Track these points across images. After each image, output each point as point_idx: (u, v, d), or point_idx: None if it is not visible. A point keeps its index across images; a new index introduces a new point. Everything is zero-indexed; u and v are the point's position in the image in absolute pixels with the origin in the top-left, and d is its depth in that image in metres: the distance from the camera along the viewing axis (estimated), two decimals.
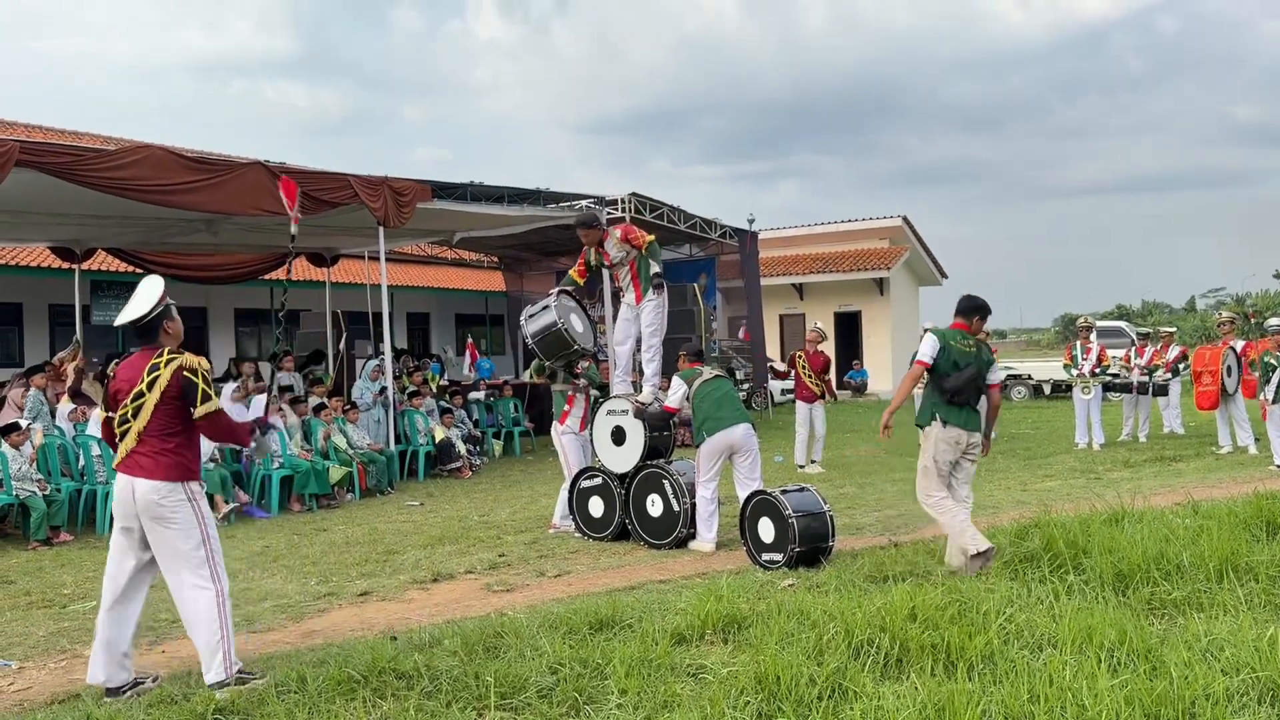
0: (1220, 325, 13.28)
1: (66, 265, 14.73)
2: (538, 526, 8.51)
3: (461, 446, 12.66)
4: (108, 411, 4.56)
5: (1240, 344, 12.69)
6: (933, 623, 4.49)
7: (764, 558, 6.56)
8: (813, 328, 12.36)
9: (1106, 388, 13.98)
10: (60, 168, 8.96)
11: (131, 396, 4.42)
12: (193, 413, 4.42)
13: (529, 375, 14.90)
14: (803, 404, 11.88)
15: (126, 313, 4.50)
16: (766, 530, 6.55)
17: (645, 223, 15.52)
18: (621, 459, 7.71)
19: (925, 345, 6.27)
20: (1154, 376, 13.80)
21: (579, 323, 8.01)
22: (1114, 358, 14.35)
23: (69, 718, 4.18)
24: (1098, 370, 13.40)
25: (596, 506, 7.88)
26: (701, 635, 4.74)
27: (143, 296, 4.51)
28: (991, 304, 6.40)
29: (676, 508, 7.39)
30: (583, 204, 14.59)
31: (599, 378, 8.79)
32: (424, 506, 10.10)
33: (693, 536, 7.40)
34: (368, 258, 16.60)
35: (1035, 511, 7.20)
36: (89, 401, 10.28)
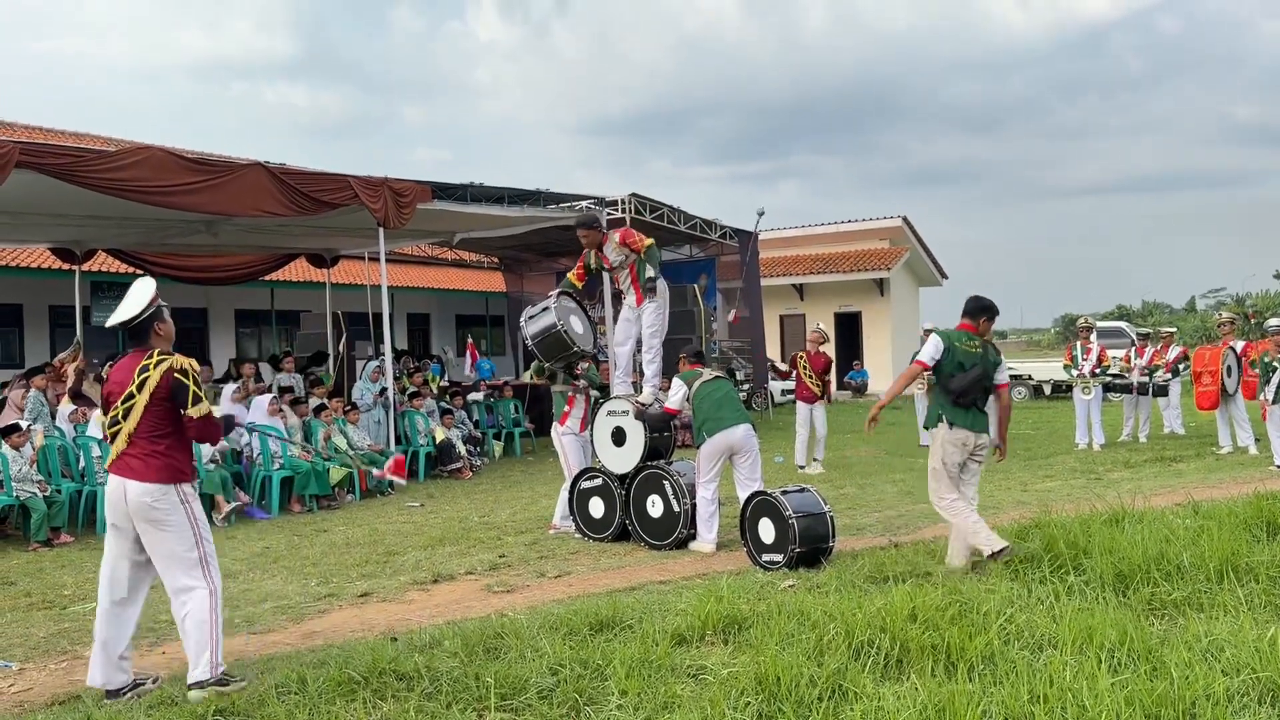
0: (1220, 326, 13.29)
1: (67, 266, 14.73)
2: (538, 527, 8.51)
3: (462, 447, 12.67)
4: (105, 414, 4.57)
5: (1240, 344, 12.69)
6: (933, 623, 4.49)
7: (764, 558, 6.56)
8: (815, 329, 12.43)
9: (1107, 388, 13.98)
10: (60, 169, 8.96)
11: (122, 398, 4.42)
12: (184, 414, 4.40)
13: (529, 376, 14.94)
14: (803, 404, 11.91)
15: (118, 314, 4.50)
16: (767, 531, 6.55)
17: (645, 223, 15.52)
18: (622, 460, 7.72)
19: (928, 347, 6.26)
20: (1154, 377, 13.80)
21: (579, 324, 8.02)
22: (1114, 358, 14.35)
23: (69, 719, 4.18)
24: (1098, 371, 13.41)
25: (597, 507, 7.88)
26: (702, 636, 4.74)
27: (134, 298, 4.51)
28: None
29: (677, 508, 7.39)
30: (583, 205, 14.58)
31: (599, 378, 8.79)
32: (424, 507, 10.10)
33: (693, 537, 7.40)
34: (368, 259, 16.60)
35: (1035, 512, 7.21)
36: (89, 403, 10.28)
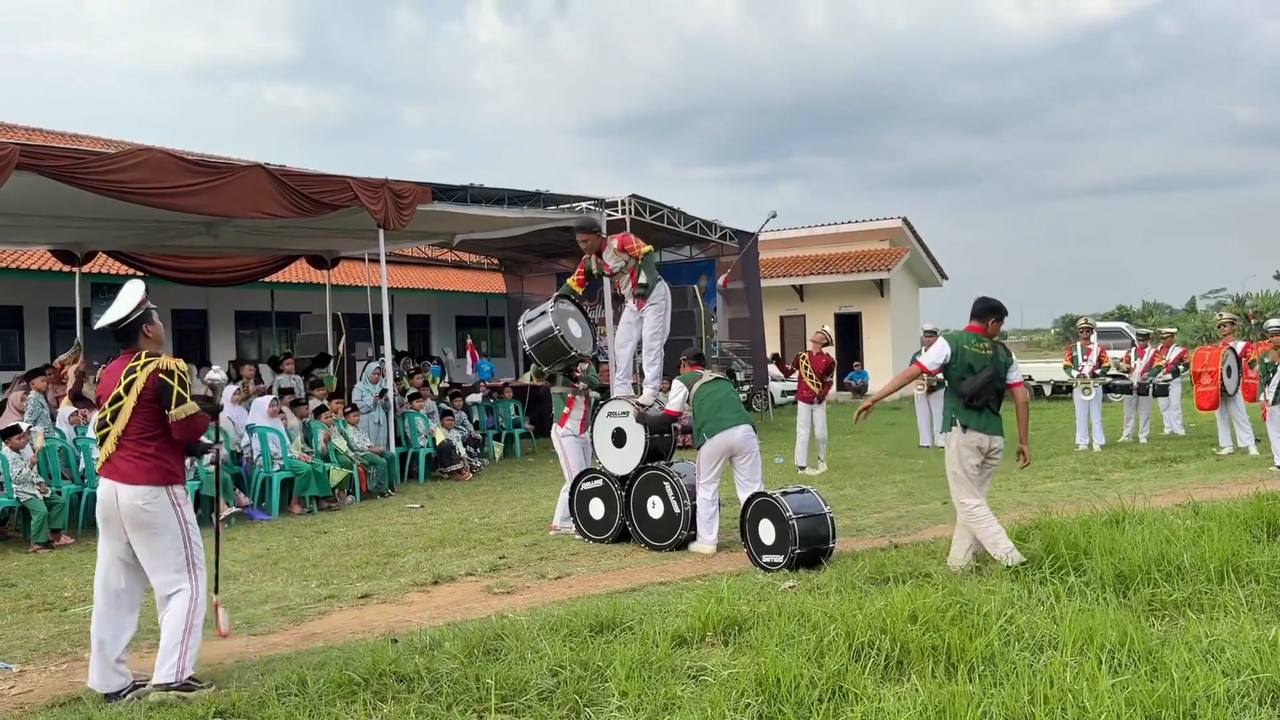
0: (1221, 326, 13.28)
1: (67, 268, 14.75)
2: (538, 529, 8.51)
3: (462, 449, 12.67)
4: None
5: (1240, 345, 12.69)
6: (933, 624, 4.49)
7: (765, 559, 6.56)
8: (819, 330, 12.59)
9: (1107, 389, 13.98)
10: (60, 171, 8.97)
11: (110, 400, 4.41)
12: (168, 415, 4.37)
13: (529, 377, 14.93)
14: (804, 405, 11.98)
15: (106, 317, 4.50)
16: (767, 532, 6.55)
17: (645, 224, 15.52)
18: (622, 461, 7.71)
19: (932, 351, 6.26)
20: (1154, 377, 13.80)
21: (577, 328, 8.00)
22: (1114, 359, 14.35)
23: None
24: (1098, 371, 13.41)
25: (597, 508, 7.87)
26: (702, 637, 4.74)
27: (123, 300, 4.50)
28: None
29: (677, 509, 7.38)
30: (582, 206, 14.58)
31: (598, 380, 8.79)
32: (424, 509, 10.10)
33: (693, 538, 7.40)
34: (368, 260, 16.59)
35: (1036, 513, 7.22)
36: (90, 404, 10.27)
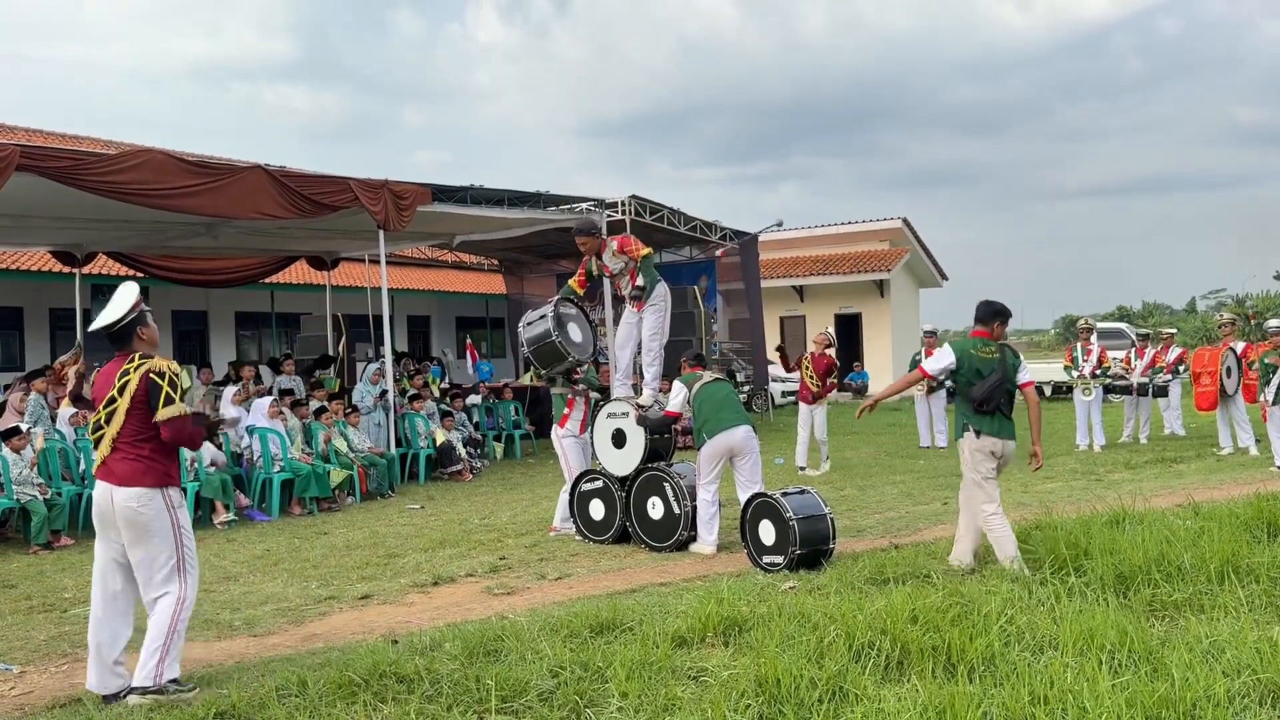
0: (1222, 327, 13.28)
1: (67, 269, 14.75)
2: (538, 529, 8.51)
3: (462, 449, 12.67)
4: None
5: (1241, 345, 12.69)
6: (934, 625, 4.49)
7: (765, 560, 6.56)
8: (822, 331, 12.67)
9: (1107, 389, 13.98)
10: (61, 172, 8.97)
11: (104, 403, 4.41)
12: (154, 416, 4.35)
13: (530, 378, 14.93)
14: (805, 405, 12.02)
15: (100, 319, 4.48)
16: (767, 533, 6.55)
17: (645, 225, 15.52)
18: (622, 462, 7.71)
19: (936, 358, 6.27)
20: (1154, 378, 13.80)
21: (578, 332, 7.98)
22: (1114, 359, 14.35)
23: None
24: (1098, 372, 13.41)
25: (597, 509, 7.87)
26: (702, 638, 4.74)
27: (117, 303, 4.49)
28: None
29: (677, 510, 7.38)
30: (583, 207, 14.58)
31: (597, 381, 8.79)
32: (425, 510, 10.10)
33: (693, 539, 7.40)
34: (368, 261, 16.61)
35: (1036, 513, 7.21)
36: (90, 406, 10.26)
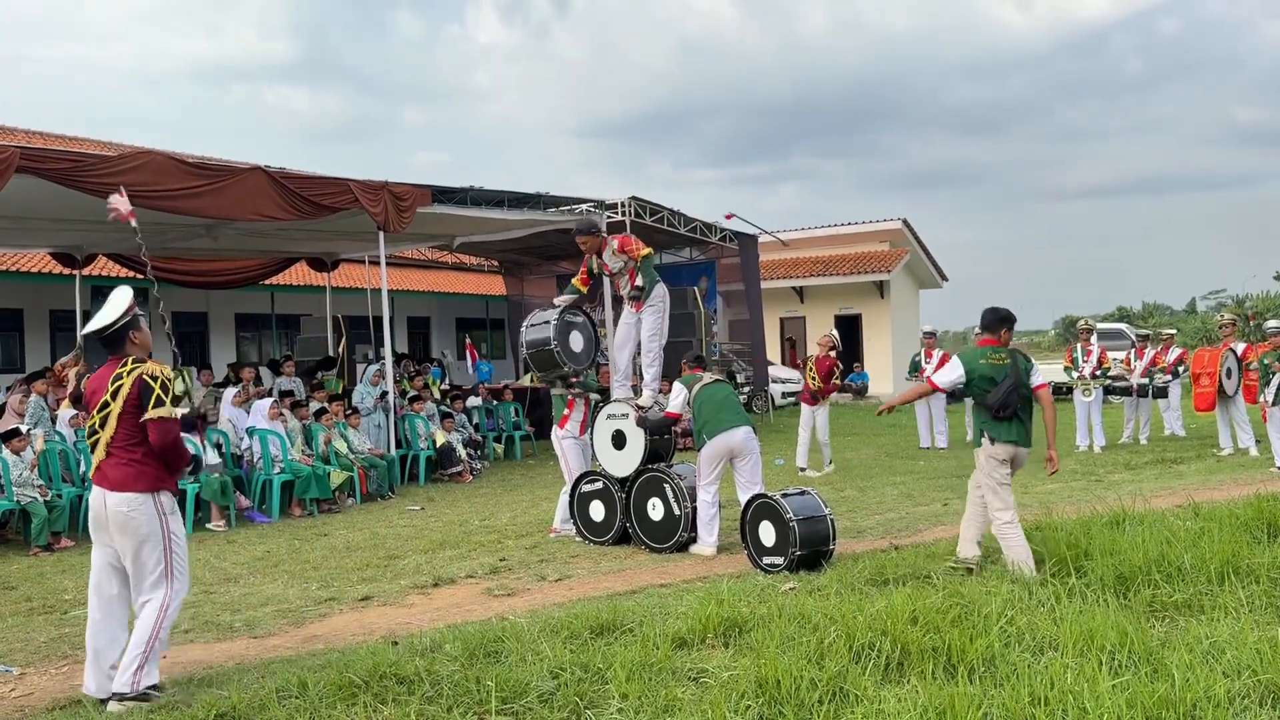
0: (1222, 328, 13.27)
1: (67, 271, 14.75)
2: (538, 531, 8.51)
3: (462, 451, 12.67)
4: None
5: (1241, 346, 12.68)
6: (934, 626, 4.49)
7: (765, 561, 6.55)
8: (827, 333, 12.77)
9: (1107, 390, 13.98)
10: (61, 174, 8.98)
11: (98, 407, 4.40)
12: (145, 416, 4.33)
13: (529, 379, 14.94)
14: (806, 406, 12.08)
15: (93, 323, 4.47)
16: (767, 534, 6.55)
17: (645, 226, 15.52)
18: (622, 463, 7.71)
19: (946, 371, 6.27)
20: (1154, 379, 13.80)
21: (579, 342, 7.96)
22: (1114, 360, 14.35)
23: None
24: (1098, 373, 13.41)
25: (597, 510, 7.87)
26: (702, 639, 4.74)
27: (110, 306, 4.48)
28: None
29: (677, 511, 7.38)
30: (583, 208, 14.58)
31: (595, 383, 8.78)
32: (425, 511, 10.10)
33: (694, 540, 7.40)
34: (368, 262, 16.60)
35: (1037, 514, 7.21)
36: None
